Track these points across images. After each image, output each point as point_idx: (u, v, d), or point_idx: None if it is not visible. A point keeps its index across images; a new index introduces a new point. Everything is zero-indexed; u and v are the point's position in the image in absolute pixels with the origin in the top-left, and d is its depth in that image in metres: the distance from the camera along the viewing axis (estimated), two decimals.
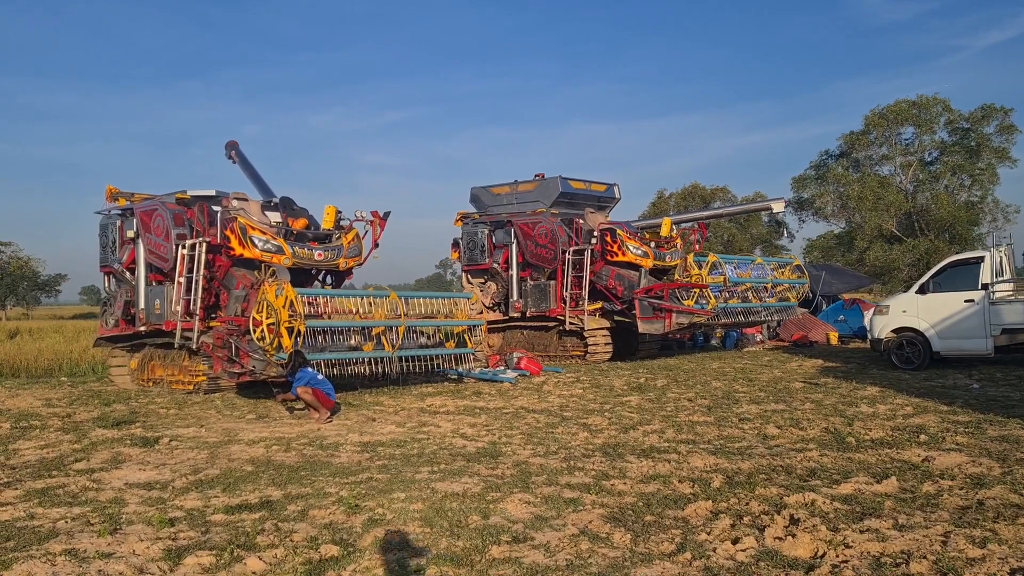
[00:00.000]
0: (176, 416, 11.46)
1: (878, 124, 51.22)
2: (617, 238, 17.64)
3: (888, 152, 52.94)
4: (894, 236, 51.16)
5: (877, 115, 51.44)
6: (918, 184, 52.24)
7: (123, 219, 15.05)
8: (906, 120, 51.06)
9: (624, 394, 12.94)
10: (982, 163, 50.05)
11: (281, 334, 11.29)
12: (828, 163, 55.23)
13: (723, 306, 17.34)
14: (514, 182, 19.80)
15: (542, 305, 18.33)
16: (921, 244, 49.24)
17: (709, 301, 16.94)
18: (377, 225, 14.56)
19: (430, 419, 10.98)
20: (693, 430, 9.59)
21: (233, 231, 13.17)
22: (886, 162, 53.54)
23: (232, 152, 17.99)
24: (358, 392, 13.39)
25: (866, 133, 52.49)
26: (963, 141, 51.27)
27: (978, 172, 49.92)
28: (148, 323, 14.24)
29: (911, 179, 52.25)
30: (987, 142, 50.20)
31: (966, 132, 51.41)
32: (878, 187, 51.06)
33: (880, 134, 51.94)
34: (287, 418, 11.23)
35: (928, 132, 51.69)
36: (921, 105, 51.25)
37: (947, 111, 51.04)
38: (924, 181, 52.15)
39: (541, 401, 12.46)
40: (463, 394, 13.40)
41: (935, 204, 49.79)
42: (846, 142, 53.78)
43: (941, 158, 51.50)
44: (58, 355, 24.50)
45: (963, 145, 50.99)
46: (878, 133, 51.90)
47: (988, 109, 50.60)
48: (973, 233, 50.27)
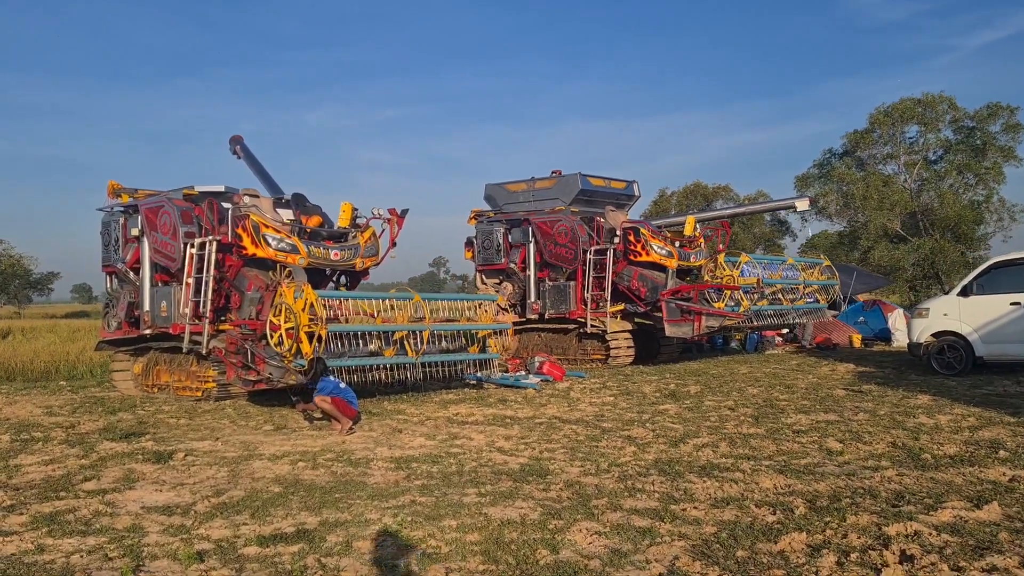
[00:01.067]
0: (188, 427, 10.75)
1: (883, 122, 50.70)
2: (641, 237, 16.97)
3: (892, 151, 52.46)
4: (898, 235, 50.65)
5: (882, 113, 50.92)
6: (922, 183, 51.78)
7: (127, 216, 14.32)
8: (911, 118, 50.57)
9: (659, 402, 12.28)
10: (988, 162, 49.59)
11: (301, 339, 10.59)
12: (832, 162, 54.76)
13: (755, 308, 16.68)
14: (531, 179, 19.11)
15: (561, 307, 17.64)
16: (926, 244, 48.72)
17: (741, 303, 16.29)
18: (395, 223, 13.87)
19: (459, 430, 10.30)
20: (747, 444, 8.94)
21: (245, 229, 12.46)
22: (890, 161, 53.09)
23: (237, 147, 17.28)
24: (377, 399, 12.68)
25: (870, 131, 51.98)
26: (968, 140, 50.80)
27: (984, 171, 49.44)
28: (153, 326, 13.52)
29: (915, 178, 51.77)
30: (993, 141, 49.74)
31: (971, 131, 50.94)
32: (882, 186, 50.50)
33: (885, 132, 51.43)
34: (307, 429, 10.53)
35: (933, 131, 51.25)
36: (926, 103, 50.74)
37: (952, 109, 50.59)
38: (929, 180, 51.68)
39: (573, 410, 11.79)
40: (487, 401, 12.72)
41: (941, 203, 49.32)
42: (850, 140, 53.24)
43: (946, 157, 51.05)
44: (55, 357, 23.75)
45: (968, 144, 50.53)
46: (883, 131, 51.38)
47: (994, 107, 50.14)
48: (978, 233, 49.93)
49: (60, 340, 28.32)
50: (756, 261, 17.84)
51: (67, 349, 24.93)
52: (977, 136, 50.40)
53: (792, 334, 21.91)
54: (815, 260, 20.33)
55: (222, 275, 12.73)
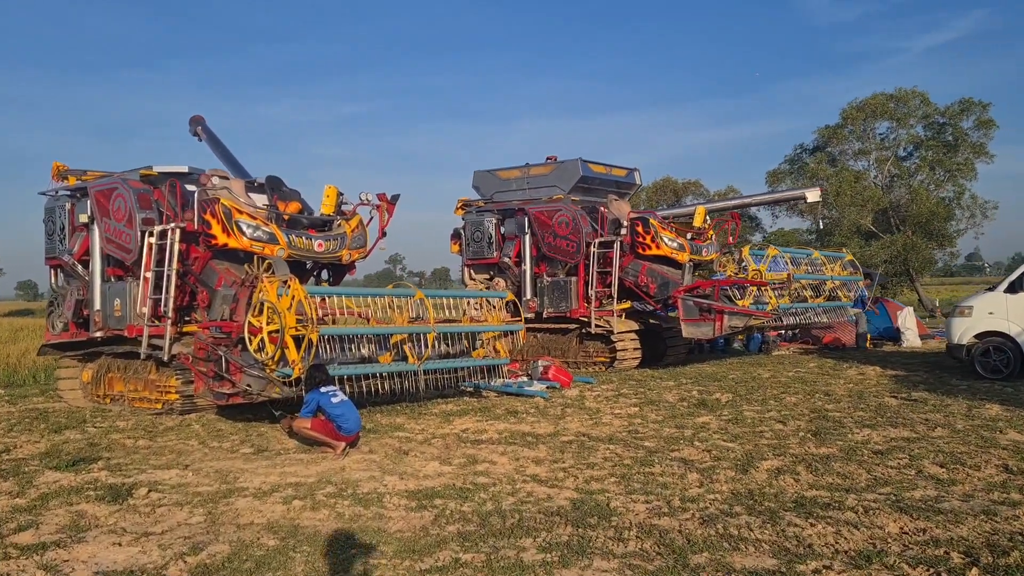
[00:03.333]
0: (149, 450, 8.98)
1: (856, 117, 50.08)
2: (650, 228, 15.49)
3: (864, 146, 51.88)
4: (870, 232, 50.05)
5: (855, 108, 50.33)
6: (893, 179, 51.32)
7: (75, 201, 12.44)
8: (883, 113, 49.99)
9: (691, 413, 10.81)
10: (959, 158, 49.23)
11: (286, 344, 8.89)
12: (803, 157, 54.08)
13: (791, 306, 15.26)
14: (525, 165, 17.52)
15: (561, 305, 16.09)
16: (899, 240, 48.18)
17: (770, 301, 14.90)
18: (384, 210, 12.19)
19: (476, 451, 8.71)
20: (830, 469, 7.49)
21: (214, 215, 10.69)
22: (861, 157, 52.52)
23: (198, 128, 15.45)
24: (368, 411, 10.99)
25: (842, 127, 51.35)
26: (939, 136, 50.43)
27: (955, 167, 49.04)
28: (105, 327, 11.68)
29: (886, 174, 51.26)
30: (965, 137, 49.39)
31: (942, 127, 50.57)
32: (854, 182, 49.86)
33: (858, 128, 50.81)
34: (295, 451, 8.84)
35: (905, 126, 50.76)
36: (899, 98, 50.23)
37: (925, 104, 50.14)
38: (900, 176, 51.21)
39: (598, 424, 10.27)
40: (495, 413, 11.13)
41: (913, 200, 48.80)
42: (821, 136, 52.59)
43: (917, 153, 50.63)
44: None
45: (939, 140, 50.14)
46: (855, 127, 50.75)
47: (966, 103, 49.82)
48: (951, 229, 49.56)
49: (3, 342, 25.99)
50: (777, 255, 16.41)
51: (7, 351, 22.71)
52: (948, 132, 50.05)
53: (795, 334, 20.65)
54: (837, 254, 19.09)
55: (187, 269, 10.97)
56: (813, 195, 18.14)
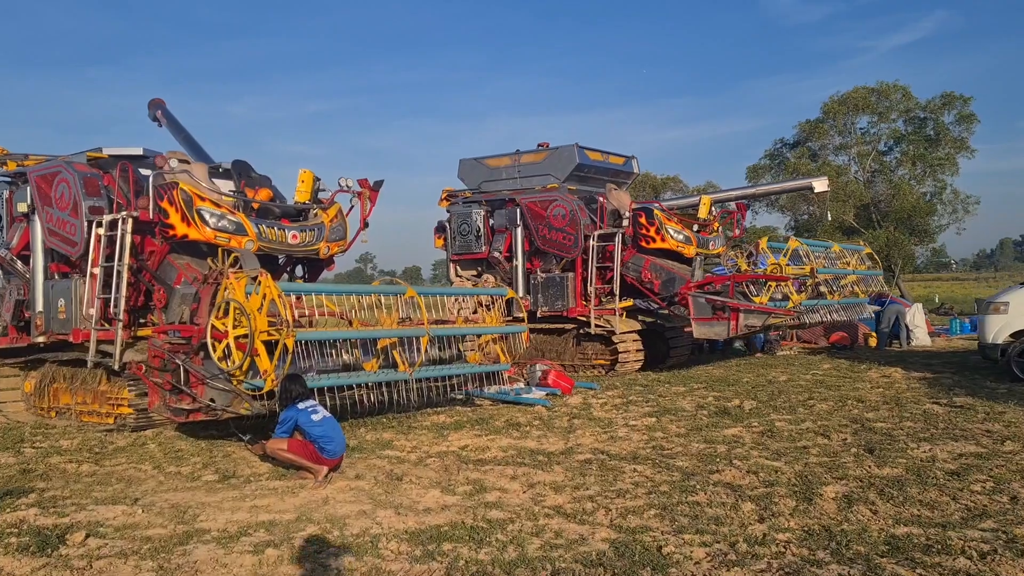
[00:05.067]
0: (93, 477, 7.59)
1: (838, 111, 49.34)
2: (655, 220, 14.28)
3: (845, 141, 51.25)
4: (852, 228, 49.33)
5: (836, 102, 49.64)
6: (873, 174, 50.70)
7: (13, 189, 10.98)
8: (865, 107, 49.32)
9: (715, 424, 9.62)
10: (941, 153, 48.68)
11: (256, 351, 7.54)
12: (784, 152, 53.30)
13: (811, 303, 14.11)
14: (516, 152, 16.24)
15: (557, 303, 14.83)
16: (881, 236, 47.49)
17: (791, 297, 13.74)
18: (367, 197, 10.88)
19: (481, 475, 7.44)
20: (908, 497, 6.32)
21: (172, 202, 9.32)
22: (842, 151, 51.86)
23: (158, 112, 14.03)
24: (350, 424, 9.66)
25: (823, 121, 50.62)
26: (920, 130, 49.88)
27: (937, 162, 48.48)
28: (48, 332, 10.24)
29: (867, 169, 50.63)
30: (946, 131, 48.86)
31: (923, 121, 50.02)
32: (836, 177, 49.14)
33: (839, 122, 50.10)
34: (267, 475, 7.50)
35: (886, 120, 50.16)
36: (881, 92, 49.55)
37: (907, 98, 49.50)
38: (880, 171, 50.61)
39: (614, 438, 9.04)
40: (494, 426, 9.86)
41: (896, 195, 48.14)
42: (802, 130, 51.88)
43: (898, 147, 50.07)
44: None
45: (920, 134, 49.58)
46: (837, 121, 50.04)
47: (948, 97, 49.29)
48: (933, 224, 48.99)
49: None
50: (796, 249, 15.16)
51: None
52: (930, 126, 49.50)
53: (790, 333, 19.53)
54: (854, 247, 18.04)
55: (141, 264, 9.58)
56: (821, 184, 17.05)
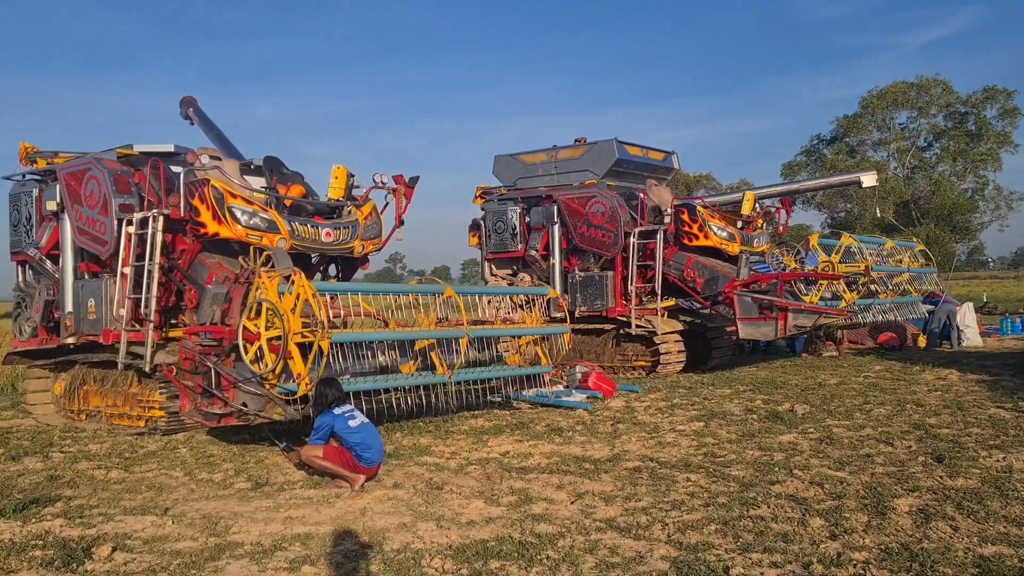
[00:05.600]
0: (122, 486, 7.31)
1: (876, 106, 48.44)
2: (697, 216, 13.82)
3: (884, 137, 50.27)
4: (891, 225, 48.38)
5: (875, 96, 48.72)
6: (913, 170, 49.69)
7: (43, 187, 10.78)
8: (904, 102, 48.37)
9: (768, 429, 9.15)
10: (983, 148, 47.57)
11: (290, 353, 7.22)
12: (820, 148, 52.47)
13: (863, 302, 13.55)
14: (552, 148, 15.85)
15: (596, 303, 14.40)
16: (922, 233, 46.54)
17: (844, 296, 13.20)
18: (402, 194, 10.55)
19: (526, 484, 7.06)
20: (990, 512, 5.84)
21: (204, 199, 9.04)
22: (881, 147, 50.90)
23: (190, 110, 13.83)
24: (386, 429, 9.31)
25: (861, 116, 49.73)
26: (962, 125, 48.81)
27: (979, 157, 47.38)
28: (78, 333, 10.02)
29: (907, 165, 49.62)
30: (988, 126, 47.75)
31: (964, 116, 48.96)
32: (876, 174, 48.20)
33: (878, 117, 49.18)
34: (301, 484, 7.18)
35: (926, 115, 49.12)
36: (920, 86, 48.57)
37: (947, 93, 48.46)
38: (920, 167, 49.62)
39: (661, 444, 8.61)
40: (535, 431, 9.47)
41: (936, 191, 47.16)
42: (840, 126, 51.01)
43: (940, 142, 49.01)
44: None
45: (962, 130, 48.53)
46: (875, 116, 49.12)
47: (991, 91, 48.19)
48: (975, 222, 47.93)
49: None
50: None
51: None
52: (971, 121, 48.43)
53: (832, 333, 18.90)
54: (907, 243, 17.41)
55: (171, 263, 9.31)
56: (869, 179, 16.43)
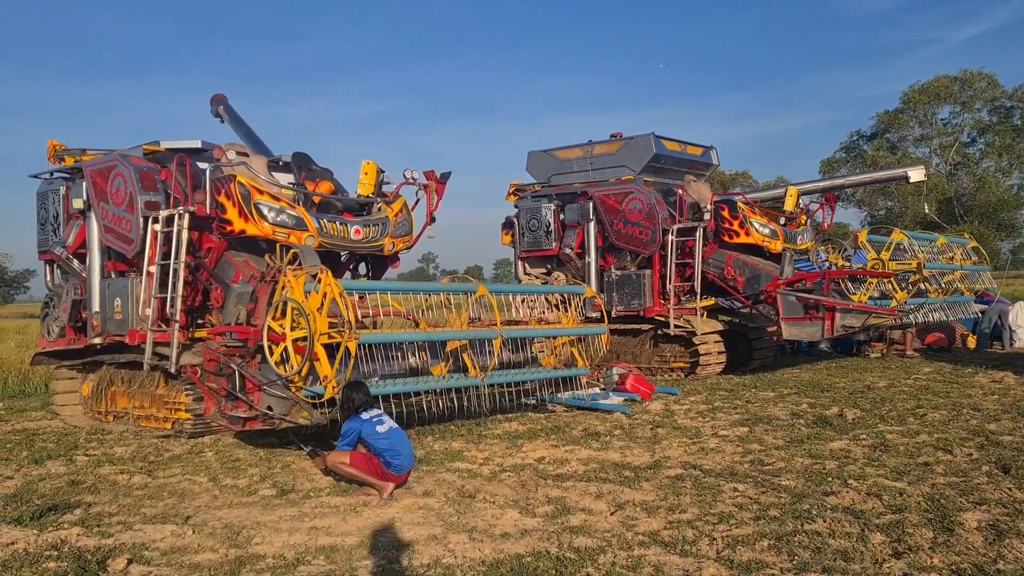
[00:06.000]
0: (144, 491, 7.07)
1: (918, 101, 47.34)
2: (738, 213, 13.36)
3: (925, 132, 49.12)
4: (934, 223, 47.21)
5: (917, 91, 47.60)
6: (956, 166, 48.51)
7: (70, 185, 10.63)
8: (948, 97, 47.23)
9: (816, 435, 8.69)
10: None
11: (316, 355, 6.93)
12: (860, 144, 51.43)
13: (916, 301, 13.00)
14: (588, 143, 15.46)
15: (633, 302, 13.99)
16: (966, 231, 45.31)
17: (895, 295, 12.68)
18: (433, 190, 10.24)
19: (562, 492, 6.70)
20: None
21: (230, 196, 8.80)
22: (922, 143, 49.73)
23: (220, 108, 13.67)
24: (416, 432, 9.00)
25: (903, 112, 48.65)
26: (1007, 120, 47.52)
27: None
28: (105, 333, 9.85)
29: (949, 162, 48.42)
30: None
31: (1010, 110, 47.67)
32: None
33: (920, 112, 48.08)
34: (327, 491, 6.88)
35: (970, 110, 47.90)
36: (964, 80, 47.36)
37: (992, 87, 47.20)
38: (965, 163, 48.42)
39: (704, 450, 8.20)
40: (571, 435, 9.11)
41: (981, 188, 45.94)
42: (880, 122, 49.94)
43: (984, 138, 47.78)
44: (5, 365, 20.00)
45: (1008, 125, 47.24)
46: (917, 111, 48.03)
47: None
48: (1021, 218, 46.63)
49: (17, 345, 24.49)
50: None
51: (23, 356, 21.11)
52: (1017, 116, 47.14)
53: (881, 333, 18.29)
54: (960, 240, 16.80)
55: (198, 261, 9.08)
56: (917, 173, 15.79)
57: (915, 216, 45.02)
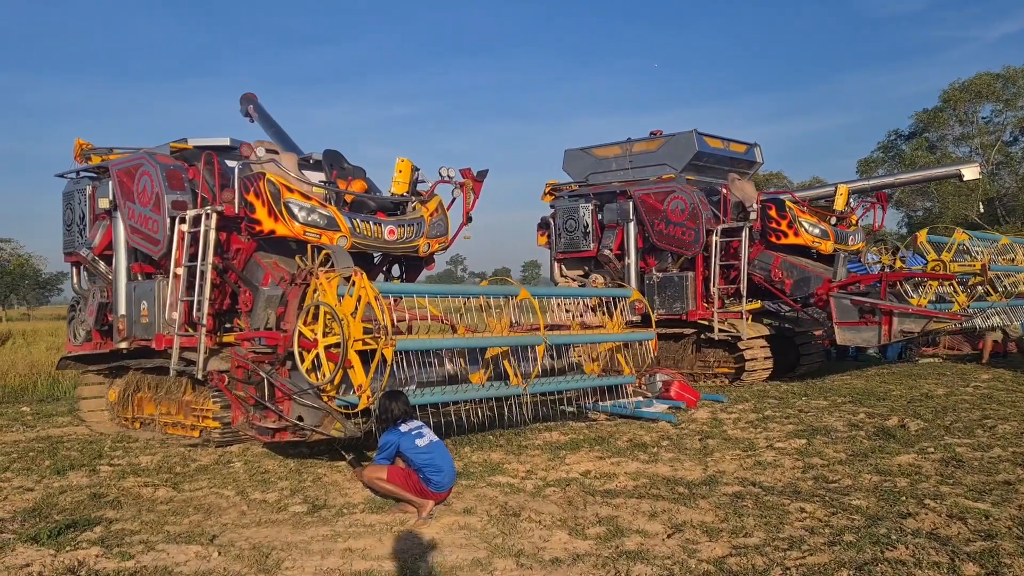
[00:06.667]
0: (169, 506, 6.68)
1: (959, 99, 46.14)
2: (787, 212, 12.80)
3: (966, 131, 47.89)
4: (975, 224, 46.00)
5: (957, 89, 46.39)
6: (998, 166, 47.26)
7: (96, 184, 10.34)
8: (989, 95, 45.99)
9: (880, 448, 8.14)
10: None
11: (350, 362, 6.51)
12: (898, 144, 50.27)
13: (980, 305, 12.36)
14: (627, 140, 14.96)
15: (675, 305, 13.46)
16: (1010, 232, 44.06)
17: (956, 299, 12.06)
18: (469, 189, 9.80)
19: (612, 510, 6.22)
20: None
21: (259, 195, 8.42)
22: (963, 142, 48.49)
23: (250, 107, 13.35)
24: (453, 442, 8.55)
25: (942, 110, 47.46)
26: None
27: None
28: (131, 337, 9.52)
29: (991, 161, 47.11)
30: None
31: None
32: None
33: (960, 110, 46.85)
34: (362, 507, 6.45)
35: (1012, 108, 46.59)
36: (1007, 77, 46.05)
37: None
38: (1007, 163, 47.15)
39: (760, 464, 7.67)
40: (616, 446, 8.62)
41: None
42: (919, 121, 48.78)
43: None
44: (36, 368, 19.90)
45: None
46: (958, 110, 46.81)
47: None
48: None
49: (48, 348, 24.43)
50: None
51: (53, 359, 20.98)
52: None
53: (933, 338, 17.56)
54: (1022, 240, 16.09)
55: (226, 263, 8.72)
56: (971, 171, 15.10)
57: (955, 217, 43.82)
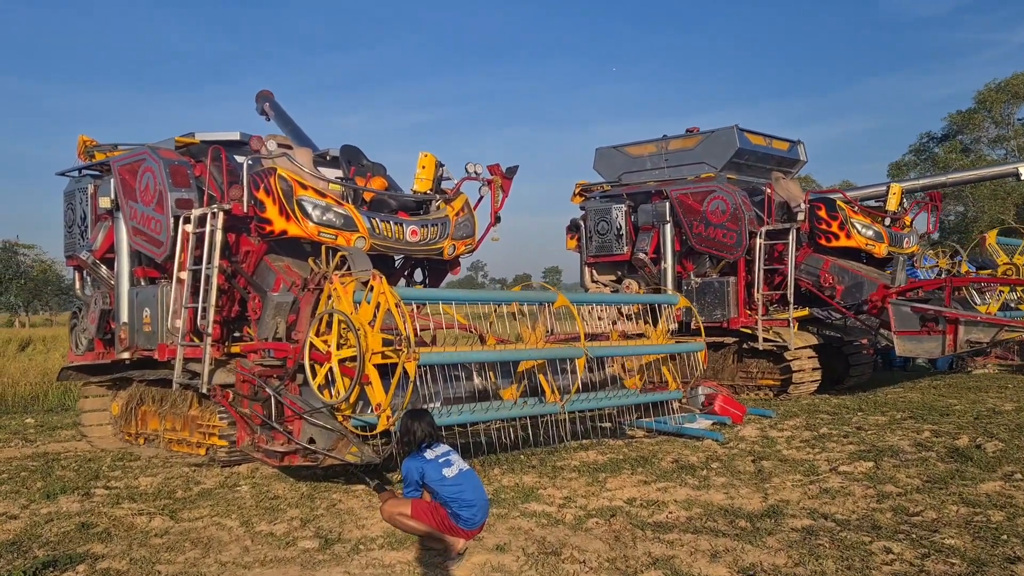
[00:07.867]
0: (164, 539, 5.94)
1: (995, 100, 44.90)
2: (837, 213, 11.93)
3: (1002, 133, 46.62)
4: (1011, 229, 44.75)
5: (992, 90, 45.16)
6: None
7: (98, 183, 9.67)
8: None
9: (957, 472, 7.28)
10: None
11: (367, 377, 5.75)
12: (930, 147, 49.08)
13: None
14: (663, 138, 14.16)
15: (716, 312, 12.61)
16: None
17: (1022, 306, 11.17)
18: (498, 187, 9.05)
19: (665, 548, 5.42)
20: None
21: (270, 192, 7.69)
22: (998, 144, 47.23)
23: (265, 105, 12.72)
24: (481, 462, 7.77)
25: (977, 112, 46.22)
26: None
27: None
28: (133, 346, 8.82)
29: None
30: None
31: None
32: None
33: (996, 112, 45.60)
34: (381, 540, 5.68)
35: None
36: None
37: None
38: None
39: (826, 491, 6.83)
40: (659, 467, 7.81)
41: None
42: (953, 123, 47.57)
43: None
44: (48, 376, 19.35)
45: None
46: (993, 111, 45.56)
47: None
48: None
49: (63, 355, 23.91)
50: None
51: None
52: None
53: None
54: None
55: (235, 266, 8.00)
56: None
57: (992, 221, 42.57)
